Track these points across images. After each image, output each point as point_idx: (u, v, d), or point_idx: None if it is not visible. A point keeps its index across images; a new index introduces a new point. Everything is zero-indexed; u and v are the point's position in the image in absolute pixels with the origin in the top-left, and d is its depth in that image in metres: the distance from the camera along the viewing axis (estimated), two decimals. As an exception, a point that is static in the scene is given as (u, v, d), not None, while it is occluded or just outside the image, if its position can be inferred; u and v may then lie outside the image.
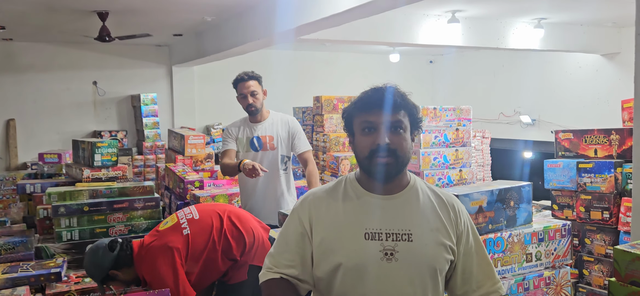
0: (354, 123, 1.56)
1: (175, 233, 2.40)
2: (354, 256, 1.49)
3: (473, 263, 1.59)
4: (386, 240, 1.49)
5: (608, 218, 3.24)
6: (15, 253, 2.46)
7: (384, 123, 1.50)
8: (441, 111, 4.46)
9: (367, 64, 9.63)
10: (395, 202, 1.54)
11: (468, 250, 1.59)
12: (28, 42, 7.62)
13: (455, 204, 1.61)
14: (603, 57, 7.58)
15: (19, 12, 5.52)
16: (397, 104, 1.51)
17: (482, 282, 1.59)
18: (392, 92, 1.52)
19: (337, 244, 1.51)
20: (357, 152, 1.56)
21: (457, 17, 6.02)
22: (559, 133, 3.61)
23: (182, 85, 8.51)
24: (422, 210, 1.55)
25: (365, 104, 1.53)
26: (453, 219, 1.58)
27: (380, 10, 4.52)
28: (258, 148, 3.39)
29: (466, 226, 1.60)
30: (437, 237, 1.53)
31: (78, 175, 3.26)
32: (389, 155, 1.49)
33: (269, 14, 5.25)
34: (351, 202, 1.55)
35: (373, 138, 1.50)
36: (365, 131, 1.52)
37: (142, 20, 6.08)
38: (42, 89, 7.81)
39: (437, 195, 1.61)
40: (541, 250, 2.27)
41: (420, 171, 4.35)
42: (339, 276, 1.50)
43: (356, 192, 1.57)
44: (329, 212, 1.55)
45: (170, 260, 2.28)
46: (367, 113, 1.52)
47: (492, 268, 1.63)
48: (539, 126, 8.47)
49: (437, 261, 1.52)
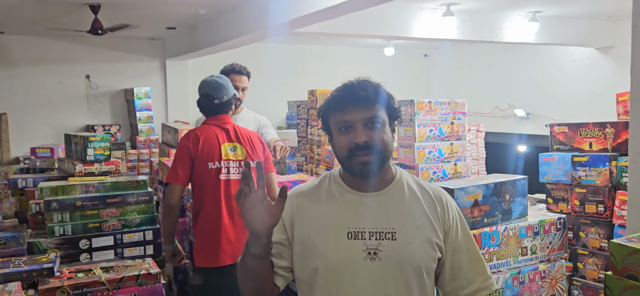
0: (330, 123, 1.52)
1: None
2: (336, 257, 1.45)
3: (462, 259, 1.55)
4: (369, 239, 1.45)
5: (603, 211, 3.25)
6: (7, 249, 2.43)
7: (360, 121, 1.45)
8: (436, 105, 4.45)
9: (362, 58, 9.61)
10: (379, 199, 1.51)
11: (457, 246, 1.55)
12: (19, 36, 7.55)
13: (443, 198, 1.57)
14: (597, 51, 7.60)
15: (10, 4, 5.46)
16: (371, 98, 1.46)
17: (472, 278, 1.55)
18: (364, 87, 1.47)
19: (319, 244, 1.47)
20: (336, 152, 1.52)
21: (452, 10, 6.01)
22: (554, 127, 3.61)
23: (176, 78, 8.46)
24: (407, 206, 1.51)
25: (338, 102, 1.47)
26: (440, 214, 1.53)
27: (375, 3, 4.49)
28: None
29: (455, 221, 1.56)
30: (423, 234, 1.49)
31: (71, 169, 3.23)
32: (369, 153, 1.45)
33: (263, 7, 5.22)
34: (334, 200, 1.52)
35: (350, 137, 1.46)
36: (342, 130, 1.48)
37: (135, 12, 6.03)
38: (34, 83, 7.75)
39: (423, 189, 1.57)
40: (536, 243, 2.27)
41: (416, 165, 4.35)
42: (321, 277, 1.47)
43: (339, 190, 1.53)
44: (312, 211, 1.52)
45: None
46: (342, 111, 1.47)
47: (483, 264, 1.59)
48: (533, 120, 8.49)
49: (423, 260, 1.48)
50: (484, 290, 1.57)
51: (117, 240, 2.76)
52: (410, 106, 4.38)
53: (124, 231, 2.78)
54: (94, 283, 2.22)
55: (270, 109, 6.54)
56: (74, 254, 2.66)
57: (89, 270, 2.36)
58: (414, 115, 4.36)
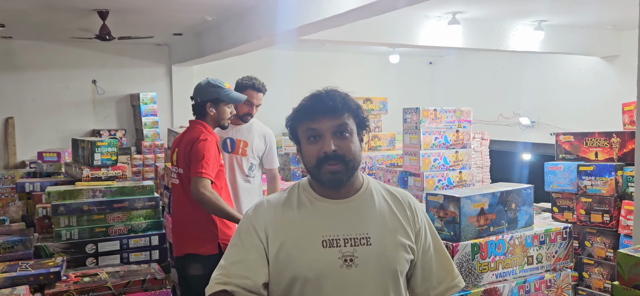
0: (299, 132, 1.51)
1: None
2: (313, 266, 1.44)
3: (432, 260, 1.58)
4: (345, 246, 1.45)
5: (608, 221, 3.24)
6: (15, 252, 2.45)
7: (328, 130, 1.45)
8: (441, 113, 4.46)
9: (367, 65, 9.64)
10: (351, 205, 1.51)
11: (427, 248, 1.57)
12: (27, 40, 7.61)
13: (411, 202, 1.59)
14: (602, 60, 7.59)
15: (18, 10, 5.50)
16: (339, 108, 1.46)
17: (442, 278, 1.58)
18: (333, 96, 1.47)
19: (295, 254, 1.45)
20: (305, 162, 1.51)
21: (457, 18, 6.02)
22: (559, 136, 3.61)
23: (182, 84, 8.49)
24: (378, 211, 1.52)
25: (307, 112, 1.47)
26: (410, 217, 1.55)
27: (381, 11, 4.52)
28: (230, 150, 3.32)
29: (423, 223, 1.58)
30: (396, 238, 1.50)
31: (77, 174, 3.25)
32: (337, 162, 1.45)
33: (270, 14, 5.24)
34: (306, 209, 1.51)
35: (319, 146, 1.46)
36: (310, 139, 1.48)
37: (142, 19, 6.07)
38: (41, 87, 7.79)
39: (392, 194, 1.58)
40: (542, 252, 2.26)
41: (421, 172, 4.35)
42: (298, 287, 1.45)
43: (310, 198, 1.52)
44: (285, 221, 1.50)
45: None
46: (310, 120, 1.47)
47: (451, 263, 1.62)
48: (538, 128, 8.48)
49: (398, 263, 1.49)
50: (454, 288, 1.60)
51: (123, 244, 2.77)
52: (416, 114, 4.39)
53: (130, 236, 2.79)
54: (100, 287, 2.23)
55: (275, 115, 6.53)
56: (80, 258, 2.68)
57: (95, 274, 2.37)
58: (419, 122, 4.36)
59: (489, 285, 2.09)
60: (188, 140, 2.83)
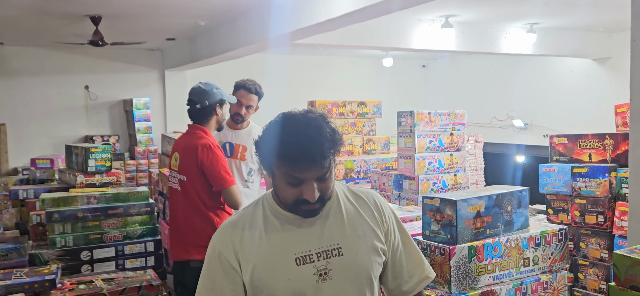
0: (276, 168, 1.42)
1: None
2: (289, 287, 1.41)
3: (402, 256, 1.58)
4: (318, 260, 1.43)
5: (603, 222, 3.26)
6: (9, 260, 2.43)
7: (312, 178, 1.38)
8: (436, 116, 4.47)
9: (361, 68, 9.66)
10: (319, 218, 1.48)
11: (396, 246, 1.58)
12: (19, 46, 7.56)
13: (376, 200, 1.58)
14: (594, 62, 7.65)
15: (10, 16, 5.47)
16: (325, 155, 1.37)
17: (413, 271, 1.59)
18: (320, 143, 1.36)
19: (268, 278, 1.41)
20: (278, 194, 1.45)
21: (450, 21, 6.05)
22: (553, 138, 3.63)
23: (175, 89, 8.46)
24: (346, 219, 1.50)
25: (291, 160, 1.37)
26: (378, 218, 1.55)
27: (375, 15, 4.52)
28: (229, 155, 3.31)
29: (391, 221, 1.58)
30: (367, 243, 1.49)
31: (72, 180, 3.23)
32: (317, 202, 1.42)
33: (263, 18, 5.24)
34: (275, 228, 1.46)
35: (300, 191, 1.40)
36: (290, 183, 1.40)
37: (135, 24, 6.05)
38: (33, 93, 7.75)
39: (356, 195, 1.57)
40: (538, 254, 2.27)
41: (416, 175, 4.36)
42: None
43: (277, 215, 1.47)
44: (253, 243, 1.44)
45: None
46: (293, 168, 1.37)
47: (420, 255, 1.63)
48: (531, 130, 8.52)
49: (372, 269, 1.49)
50: (425, 280, 1.61)
51: (119, 251, 2.76)
52: (410, 117, 4.40)
53: (126, 243, 2.78)
54: (96, 294, 2.21)
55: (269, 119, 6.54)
56: (75, 265, 2.66)
57: (90, 281, 2.35)
58: (413, 126, 4.37)
59: (486, 288, 2.10)
60: (191, 146, 2.83)
